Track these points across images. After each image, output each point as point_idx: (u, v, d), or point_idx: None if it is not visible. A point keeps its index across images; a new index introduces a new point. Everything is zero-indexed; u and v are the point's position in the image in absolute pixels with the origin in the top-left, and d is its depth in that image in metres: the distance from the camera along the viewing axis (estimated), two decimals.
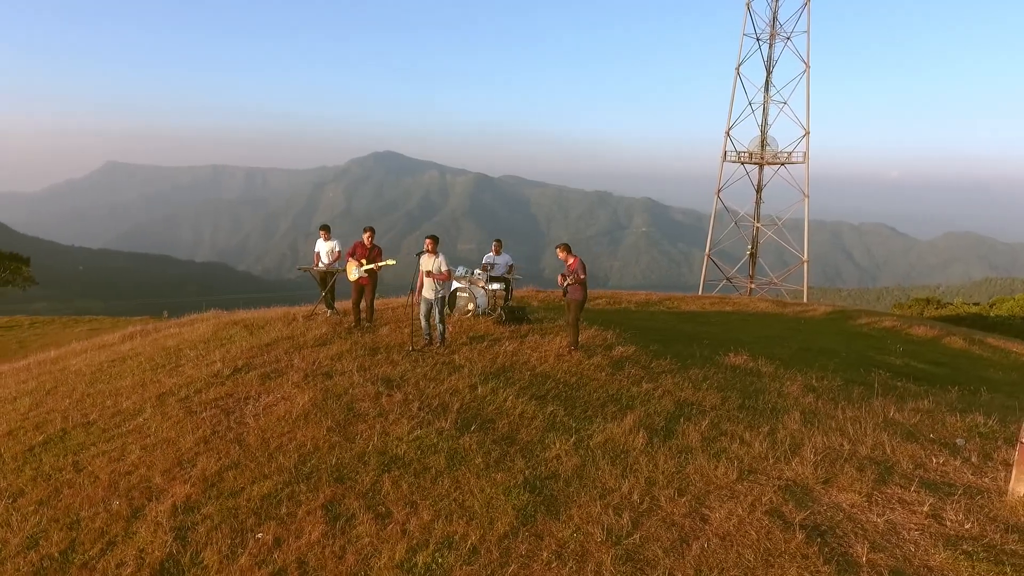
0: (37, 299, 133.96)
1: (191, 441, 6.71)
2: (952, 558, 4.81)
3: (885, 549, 4.97)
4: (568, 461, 6.36)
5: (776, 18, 56.25)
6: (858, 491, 5.82)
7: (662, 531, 5.13)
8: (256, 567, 4.87)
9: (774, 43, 56.90)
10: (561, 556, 4.83)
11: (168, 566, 4.94)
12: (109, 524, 5.44)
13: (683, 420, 7.64)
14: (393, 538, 5.11)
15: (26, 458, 6.72)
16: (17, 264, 52.29)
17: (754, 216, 59.47)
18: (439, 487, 5.84)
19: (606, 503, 5.52)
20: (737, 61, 56.46)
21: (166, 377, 8.76)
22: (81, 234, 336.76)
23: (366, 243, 11.13)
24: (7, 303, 73.69)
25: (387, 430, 6.87)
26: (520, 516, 5.32)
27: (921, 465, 6.56)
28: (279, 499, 5.68)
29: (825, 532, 5.18)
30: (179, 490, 5.85)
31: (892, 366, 14.32)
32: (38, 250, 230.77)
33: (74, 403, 8.16)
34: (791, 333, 18.14)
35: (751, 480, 6.02)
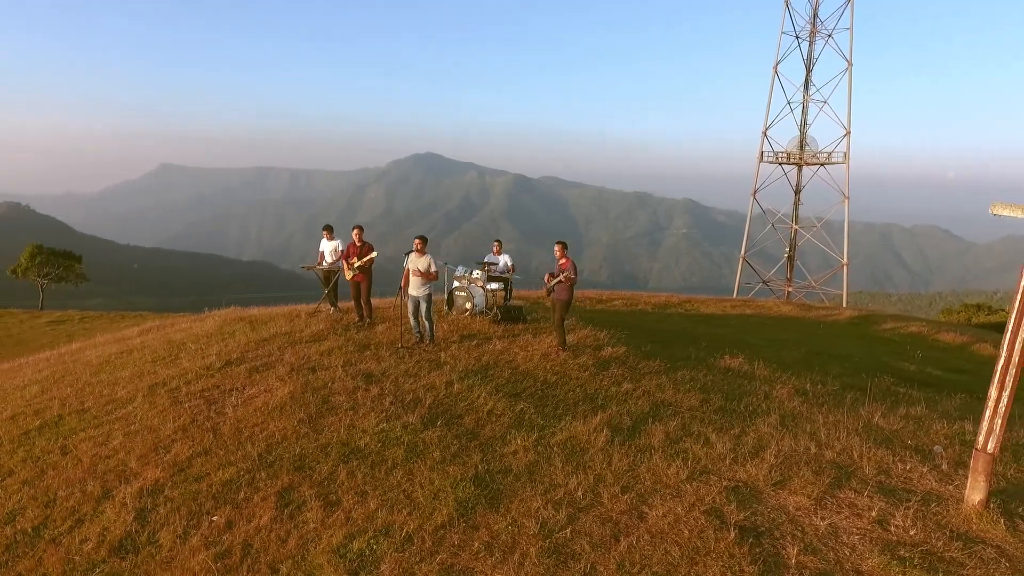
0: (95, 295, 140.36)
1: (171, 429, 7.08)
2: (884, 563, 4.76)
3: (819, 552, 4.94)
4: (524, 457, 6.48)
5: (817, 15, 54.95)
6: (808, 494, 5.77)
7: (596, 527, 5.21)
8: (205, 547, 5.15)
9: (815, 41, 55.59)
10: (490, 547, 4.96)
11: (126, 543, 5.27)
12: (81, 504, 5.81)
13: (652, 421, 7.66)
14: (336, 525, 5.32)
15: (21, 441, 7.21)
16: (70, 262, 55.03)
17: (792, 218, 58.19)
18: (392, 478, 6.04)
19: (548, 498, 5.63)
20: (775, 60, 55.39)
21: (163, 368, 9.23)
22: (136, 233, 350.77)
23: (356, 242, 11.46)
24: (65, 299, 77.39)
25: (355, 423, 7.11)
26: (460, 508, 5.47)
27: (885, 471, 6.44)
28: (239, 485, 5.97)
29: (762, 533, 5.17)
30: (150, 474, 6.20)
31: (904, 372, 13.92)
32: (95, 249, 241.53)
33: (75, 391, 8.68)
34: (807, 337, 17.77)
35: (701, 480, 6.03)
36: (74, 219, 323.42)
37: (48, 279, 53.09)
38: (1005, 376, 5.33)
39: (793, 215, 58.10)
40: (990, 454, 5.46)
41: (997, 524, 5.33)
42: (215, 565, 4.94)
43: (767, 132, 56.32)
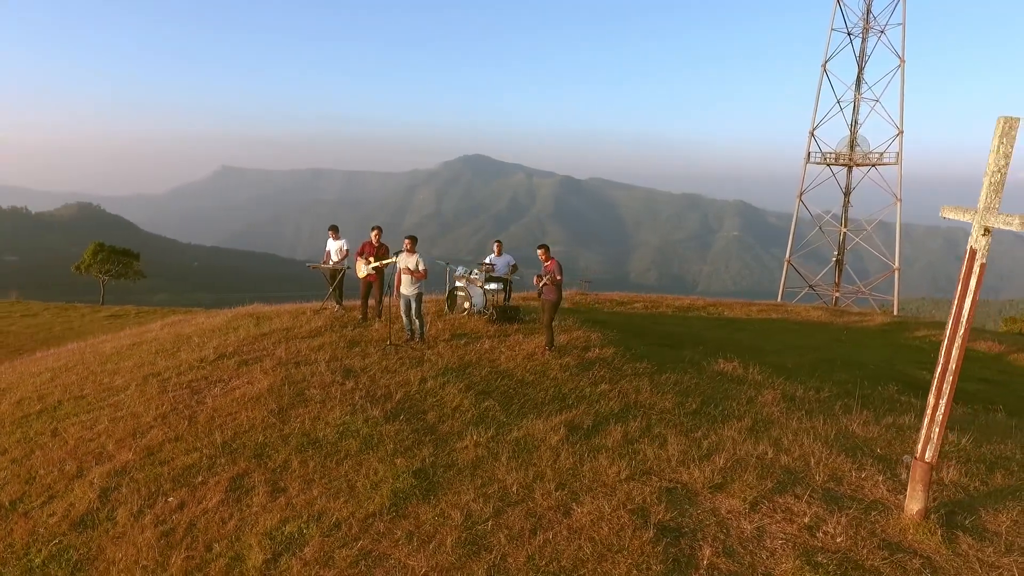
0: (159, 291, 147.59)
1: (152, 416, 7.55)
2: (798, 568, 4.72)
3: (735, 555, 4.94)
4: (473, 452, 6.65)
5: (870, 11, 53.10)
6: (744, 498, 5.74)
7: (519, 521, 5.33)
8: (154, 525, 5.53)
9: (867, 37, 53.75)
10: (411, 536, 5.16)
11: (86, 519, 5.70)
12: (56, 481, 6.30)
13: (616, 421, 7.69)
14: (277, 509, 5.62)
15: (20, 423, 7.81)
16: (129, 259, 57.91)
17: (841, 220, 56.35)
18: (341, 468, 6.30)
19: (481, 492, 5.79)
20: (824, 57, 53.79)
21: (162, 360, 9.79)
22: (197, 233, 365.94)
23: (373, 242, 11.83)
24: (131, 294, 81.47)
25: (321, 415, 7.42)
26: (394, 498, 5.69)
27: (837, 478, 6.32)
28: (199, 469, 6.35)
29: (683, 534, 5.20)
30: (123, 456, 6.65)
31: (919, 381, 13.39)
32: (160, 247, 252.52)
33: (79, 379, 9.32)
34: (827, 343, 17.29)
35: (640, 480, 6.07)
36: (141, 219, 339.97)
37: (108, 275, 56.16)
38: (942, 383, 5.20)
39: (842, 218, 56.27)
40: (928, 463, 5.32)
41: (933, 535, 5.19)
42: (158, 542, 5.30)
43: (814, 132, 54.73)
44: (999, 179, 4.81)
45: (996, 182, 4.82)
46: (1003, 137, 4.74)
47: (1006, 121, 4.74)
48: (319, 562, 4.88)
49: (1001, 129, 4.75)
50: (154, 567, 5.04)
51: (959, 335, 5.08)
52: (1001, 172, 4.80)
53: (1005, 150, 4.75)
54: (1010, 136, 4.75)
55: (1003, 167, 4.78)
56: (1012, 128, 4.75)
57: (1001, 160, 4.76)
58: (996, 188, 4.84)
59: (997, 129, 4.77)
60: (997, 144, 4.75)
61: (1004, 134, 4.74)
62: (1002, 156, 4.75)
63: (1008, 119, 4.75)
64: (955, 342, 5.10)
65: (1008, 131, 4.74)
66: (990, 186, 4.84)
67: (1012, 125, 4.75)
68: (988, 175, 4.84)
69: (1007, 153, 4.75)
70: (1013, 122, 4.75)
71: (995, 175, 4.80)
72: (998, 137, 4.75)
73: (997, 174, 4.80)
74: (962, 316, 5.04)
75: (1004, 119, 4.74)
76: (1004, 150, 4.75)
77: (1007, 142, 4.75)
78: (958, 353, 5.11)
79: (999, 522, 5.50)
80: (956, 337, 5.09)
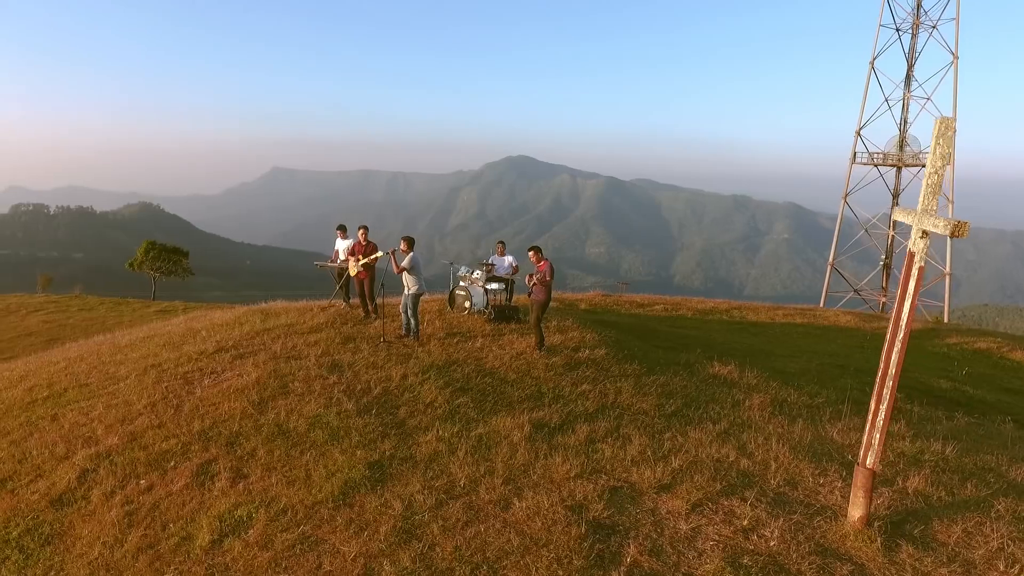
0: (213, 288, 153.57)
1: (143, 404, 8.00)
2: (720, 569, 4.73)
3: (661, 554, 4.97)
4: (433, 447, 6.82)
5: (920, 6, 51.19)
6: (688, 499, 5.74)
7: (457, 512, 5.48)
8: (122, 505, 5.91)
9: (917, 33, 51.83)
10: (351, 522, 5.37)
11: (64, 497, 6.13)
12: (45, 462, 6.77)
13: (586, 421, 7.76)
14: (234, 494, 5.92)
15: (26, 408, 8.39)
16: (178, 256, 60.51)
17: (889, 223, 54.43)
18: (303, 458, 6.57)
19: (428, 484, 5.96)
20: (872, 54, 52.11)
21: (166, 352, 10.31)
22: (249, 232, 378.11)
23: (361, 240, 12.17)
24: (185, 291, 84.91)
25: (297, 407, 7.73)
26: (344, 487, 5.91)
27: (793, 483, 6.25)
28: (173, 455, 6.72)
29: (616, 531, 5.25)
30: (109, 441, 7.09)
31: (935, 390, 12.94)
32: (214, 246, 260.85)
33: (87, 369, 9.91)
34: (846, 350, 16.81)
35: (588, 478, 6.13)
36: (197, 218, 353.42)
37: (159, 272, 58.80)
38: (883, 389, 5.11)
39: (890, 220, 54.33)
40: (869, 469, 5.23)
41: (872, 543, 5.10)
42: (121, 520, 5.67)
43: (860, 132, 53.04)
44: (936, 181, 4.71)
45: (934, 184, 4.72)
46: (940, 138, 4.65)
47: (942, 122, 4.65)
48: (259, 544, 5.14)
49: (937, 130, 4.65)
50: (112, 543, 5.40)
51: (899, 339, 4.99)
52: (938, 174, 4.69)
53: (942, 151, 4.65)
54: (947, 137, 4.65)
55: (940, 168, 4.68)
56: (948, 129, 4.65)
57: (938, 161, 4.66)
58: (933, 190, 4.74)
59: (934, 130, 4.67)
60: (934, 145, 4.66)
61: (940, 135, 4.64)
62: (939, 157, 4.65)
63: (944, 120, 4.65)
64: (895, 347, 5.01)
65: (944, 132, 4.64)
66: (927, 188, 4.75)
67: (948, 126, 4.65)
68: (926, 177, 4.75)
69: (944, 154, 4.65)
70: (949, 123, 4.65)
71: (932, 176, 4.71)
72: (935, 138, 4.66)
73: (934, 176, 4.70)
74: (901, 320, 4.96)
75: (940, 120, 4.65)
76: (941, 151, 4.65)
77: (944, 143, 4.65)
78: (898, 358, 5.02)
79: (951, 533, 5.37)
80: (896, 341, 5.00)
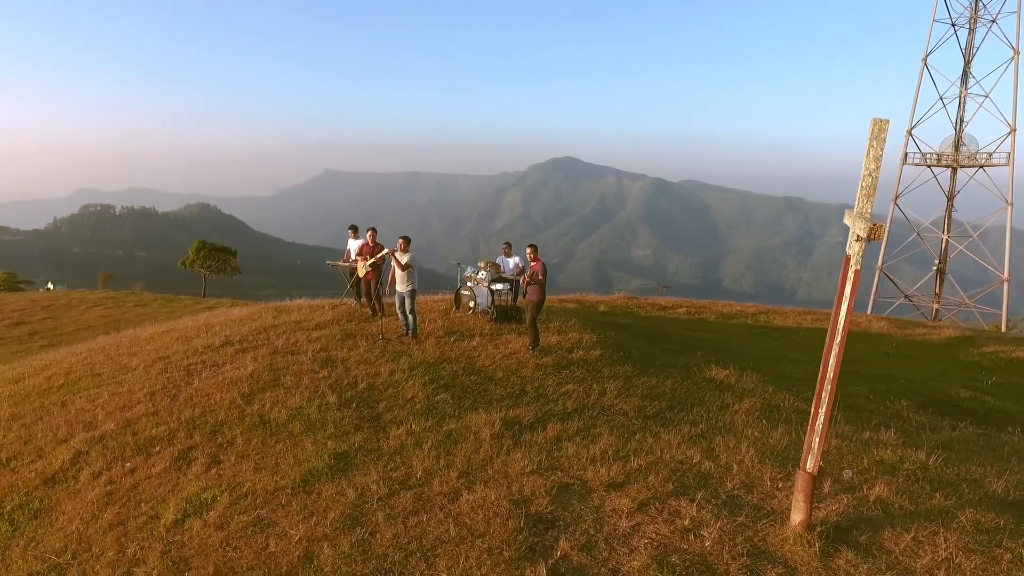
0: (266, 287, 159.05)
1: (143, 393, 8.52)
2: (646, 566, 4.80)
3: (593, 549, 5.06)
4: (401, 440, 7.06)
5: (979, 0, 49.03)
6: (635, 498, 5.80)
7: (406, 502, 5.70)
8: (105, 484, 6.36)
9: (975, 28, 49.62)
10: (305, 508, 5.65)
11: (56, 476, 6.63)
12: (46, 444, 7.31)
13: (560, 420, 7.86)
14: (206, 478, 6.29)
15: (41, 394, 9.03)
16: (226, 255, 62.94)
17: (943, 227, 52.22)
18: (277, 447, 6.91)
19: (385, 475, 6.19)
20: (924, 51, 50.17)
21: (177, 345, 10.88)
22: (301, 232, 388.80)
23: (370, 242, 12.55)
24: (241, 289, 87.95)
25: (283, 399, 8.09)
26: (307, 475, 6.21)
27: (750, 487, 6.22)
28: (160, 440, 7.16)
29: (554, 526, 5.37)
30: (106, 426, 7.59)
31: (951, 399, 12.47)
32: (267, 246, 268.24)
33: (104, 359, 10.56)
34: (866, 356, 16.30)
35: (543, 475, 6.26)
36: (252, 219, 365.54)
37: (209, 270, 61.31)
38: (821, 392, 5.07)
39: (944, 223, 52.14)
40: (809, 473, 5.19)
41: (811, 548, 5.07)
42: (101, 499, 6.10)
43: (912, 131, 51.07)
44: (870, 183, 4.67)
45: (868, 186, 4.68)
46: (874, 140, 4.60)
47: (876, 123, 4.60)
48: (216, 525, 5.47)
49: (872, 132, 4.61)
50: (89, 519, 5.83)
51: (836, 343, 4.95)
52: (872, 176, 4.65)
53: (876, 153, 4.61)
54: (880, 139, 4.60)
55: (874, 171, 4.63)
56: (882, 131, 4.60)
57: (872, 164, 4.62)
58: (868, 192, 4.70)
59: (869, 132, 4.63)
60: (868, 147, 4.62)
61: (875, 136, 4.60)
62: (872, 160, 4.61)
63: (878, 121, 4.61)
64: (832, 351, 4.97)
65: (879, 133, 4.60)
66: (862, 190, 4.71)
67: (882, 127, 4.60)
68: (861, 179, 4.71)
69: (877, 156, 4.61)
70: (883, 124, 4.60)
71: (866, 179, 4.67)
72: (869, 140, 4.62)
73: (868, 178, 4.66)
74: (838, 324, 4.92)
75: (875, 121, 4.61)
76: (875, 153, 4.61)
77: (877, 145, 4.60)
78: (835, 362, 4.98)
79: (900, 541, 5.27)
80: (833, 346, 4.96)
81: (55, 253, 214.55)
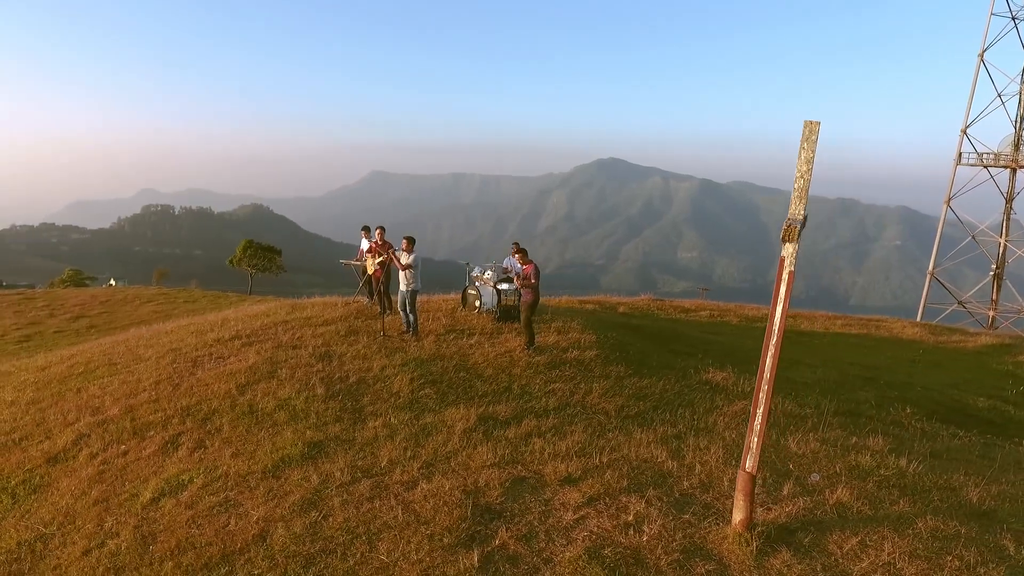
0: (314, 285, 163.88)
1: (149, 381, 9.07)
2: (577, 557, 4.93)
3: (532, 539, 5.23)
4: (376, 431, 7.35)
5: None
6: (586, 493, 5.93)
7: (364, 489, 5.97)
8: (100, 464, 6.86)
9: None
10: (270, 491, 5.99)
11: (58, 456, 7.17)
12: (55, 426, 7.90)
13: (534, 416, 8.02)
14: (188, 462, 6.71)
15: (62, 381, 9.70)
16: (272, 254, 65.00)
17: (1001, 230, 49.84)
18: (259, 435, 7.29)
19: (351, 464, 6.49)
20: (981, 46, 48.05)
21: (191, 338, 11.49)
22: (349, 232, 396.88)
23: (378, 240, 12.95)
24: (290, 287, 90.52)
25: (274, 390, 8.50)
26: (279, 462, 6.55)
27: (707, 487, 6.26)
28: (155, 426, 7.64)
29: (500, 516, 5.55)
30: (111, 411, 8.14)
31: (964, 408, 12.04)
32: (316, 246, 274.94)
33: (123, 351, 11.23)
34: (889, 363, 15.84)
35: (502, 468, 6.44)
36: (302, 219, 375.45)
37: (255, 269, 63.50)
38: (759, 393, 5.11)
39: (1002, 226, 49.74)
40: (748, 473, 5.23)
41: (747, 546, 5.11)
42: (93, 477, 6.59)
43: (967, 130, 48.94)
44: (802, 185, 4.69)
45: (800, 188, 4.71)
46: (805, 142, 4.63)
47: (807, 125, 4.63)
48: (186, 504, 5.86)
49: (804, 134, 4.64)
50: (79, 495, 6.31)
51: (772, 344, 4.98)
52: (804, 178, 4.68)
53: (807, 155, 4.64)
54: (811, 141, 4.63)
55: (805, 174, 4.66)
56: (813, 133, 4.63)
57: (803, 166, 4.65)
58: (800, 195, 4.72)
59: (802, 134, 4.66)
60: (800, 150, 4.65)
61: (806, 139, 4.63)
62: (803, 162, 4.64)
63: (810, 123, 4.64)
64: (768, 351, 5.00)
65: (809, 136, 4.63)
66: (795, 193, 4.74)
67: (813, 130, 4.63)
68: (794, 181, 4.73)
69: (808, 159, 4.63)
70: (814, 126, 4.63)
71: (799, 181, 4.70)
72: (801, 142, 4.64)
73: (800, 180, 4.69)
74: (774, 326, 4.95)
75: (807, 123, 4.64)
76: (806, 155, 4.64)
77: (808, 147, 4.63)
78: (771, 363, 5.01)
79: (845, 544, 5.25)
80: (769, 347, 5.00)
81: (118, 251, 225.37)
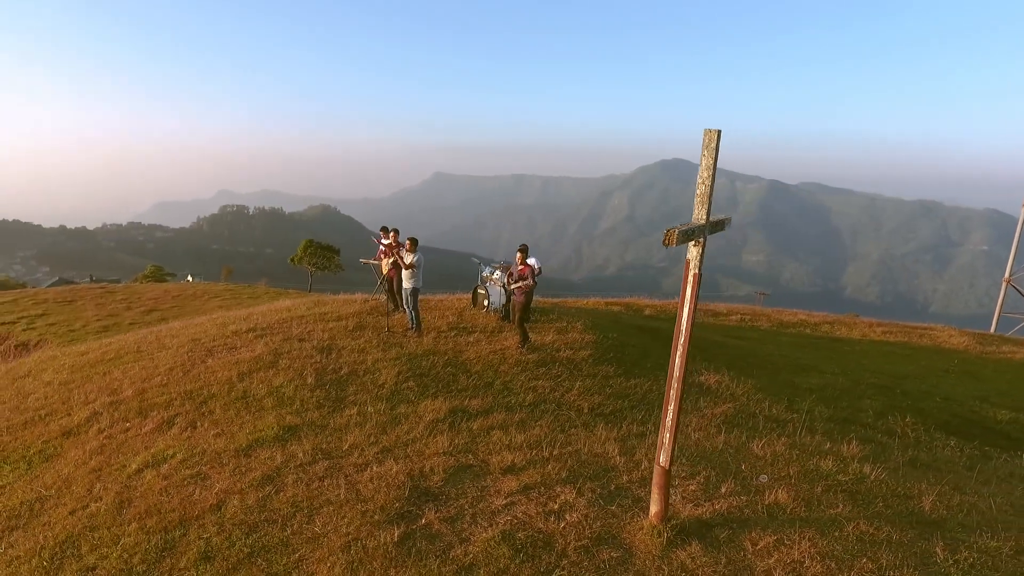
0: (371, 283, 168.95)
1: (165, 367, 9.94)
2: (490, 539, 5.27)
3: (456, 521, 5.60)
4: (351, 419, 7.88)
5: None
6: (523, 481, 6.24)
7: (319, 469, 6.49)
8: (104, 438, 7.66)
9: None
10: (238, 468, 6.59)
11: (72, 430, 8.03)
12: (76, 404, 8.82)
13: (503, 411, 8.37)
14: (177, 439, 7.42)
15: (94, 365, 10.73)
16: (330, 253, 67.52)
17: None
18: (245, 417, 7.95)
19: (317, 446, 7.03)
20: None
21: (214, 329, 12.40)
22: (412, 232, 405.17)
23: (393, 242, 13.57)
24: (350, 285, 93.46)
25: (268, 378, 9.18)
26: (254, 442, 7.17)
27: (646, 482, 6.42)
28: (159, 406, 8.43)
29: (436, 499, 5.95)
30: (125, 392, 9.02)
31: (982, 420, 11.54)
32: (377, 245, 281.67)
33: (153, 339, 12.25)
34: (916, 372, 15.25)
35: (452, 455, 6.83)
36: (367, 220, 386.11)
37: (315, 267, 66.19)
38: (669, 391, 5.30)
39: None
40: (663, 467, 5.42)
41: (658, 538, 5.31)
42: (95, 450, 7.39)
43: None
44: (704, 191, 4.88)
45: (702, 193, 4.89)
46: (705, 149, 4.82)
47: (707, 134, 4.81)
48: (163, 475, 6.54)
49: (704, 141, 4.82)
50: (80, 464, 7.11)
51: (680, 344, 5.17)
52: (705, 184, 4.86)
53: (708, 162, 4.82)
54: (711, 148, 4.80)
55: (707, 179, 4.84)
56: (712, 141, 4.80)
57: (705, 172, 4.83)
58: (702, 200, 4.90)
59: (703, 141, 4.84)
60: (701, 156, 4.83)
61: (706, 146, 4.81)
62: (705, 168, 4.82)
63: (710, 131, 4.81)
64: (677, 351, 5.19)
65: (710, 143, 4.81)
66: (697, 198, 4.92)
67: (712, 137, 4.80)
68: (696, 186, 4.92)
69: (709, 165, 4.81)
70: (713, 134, 4.80)
71: (700, 187, 4.88)
72: (702, 149, 4.83)
73: (702, 186, 4.88)
74: (682, 326, 5.14)
75: (707, 131, 4.82)
76: (707, 162, 4.82)
77: (708, 154, 4.81)
78: (681, 362, 5.20)
79: (760, 542, 5.38)
80: (678, 346, 5.19)
81: (197, 249, 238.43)
